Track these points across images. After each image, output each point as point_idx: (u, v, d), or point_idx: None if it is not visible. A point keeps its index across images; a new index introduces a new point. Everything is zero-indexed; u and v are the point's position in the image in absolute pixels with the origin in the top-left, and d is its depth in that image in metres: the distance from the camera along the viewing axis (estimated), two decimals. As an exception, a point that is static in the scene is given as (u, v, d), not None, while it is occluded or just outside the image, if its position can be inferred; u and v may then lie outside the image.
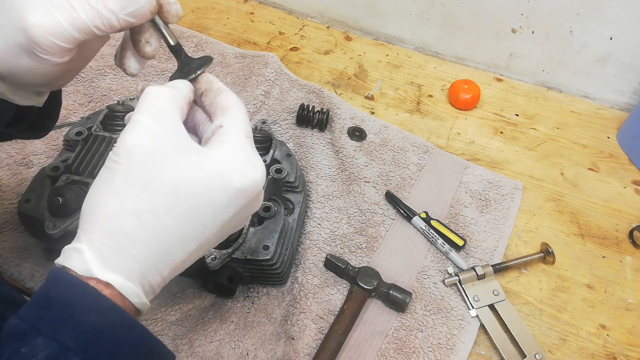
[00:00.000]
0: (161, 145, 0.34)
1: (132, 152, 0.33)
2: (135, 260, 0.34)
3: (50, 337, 0.31)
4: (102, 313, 0.32)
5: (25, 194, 0.71)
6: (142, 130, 0.34)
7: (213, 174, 0.35)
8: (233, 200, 0.36)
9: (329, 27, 1.23)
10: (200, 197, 0.35)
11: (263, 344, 0.68)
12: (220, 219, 0.36)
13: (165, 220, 0.34)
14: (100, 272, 0.33)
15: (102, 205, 0.34)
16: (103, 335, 0.32)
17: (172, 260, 0.36)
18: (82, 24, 0.36)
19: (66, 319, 0.32)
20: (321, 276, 0.75)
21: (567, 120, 1.03)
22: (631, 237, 0.83)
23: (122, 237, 0.33)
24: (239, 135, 0.37)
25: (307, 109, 0.95)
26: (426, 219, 0.81)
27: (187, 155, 0.35)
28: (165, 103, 0.36)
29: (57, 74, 0.40)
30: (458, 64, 1.15)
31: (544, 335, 0.72)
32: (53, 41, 0.36)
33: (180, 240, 0.35)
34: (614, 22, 0.95)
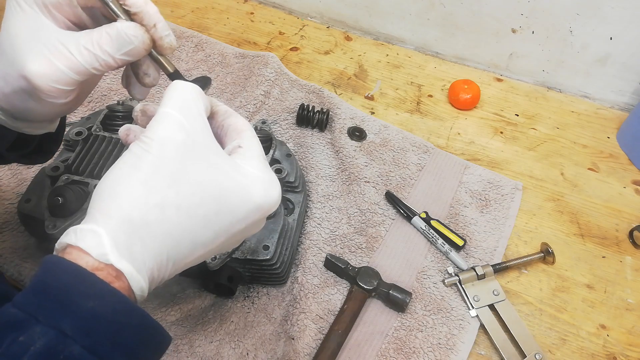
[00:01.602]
0: (192, 142, 0.34)
1: (165, 144, 0.34)
2: (148, 253, 0.34)
3: (48, 325, 0.30)
4: (101, 298, 0.32)
5: (25, 194, 0.71)
6: (173, 123, 0.34)
7: (239, 185, 0.36)
8: (249, 215, 0.37)
9: (329, 27, 1.23)
10: (222, 204, 0.35)
11: (263, 344, 0.68)
12: (232, 230, 0.37)
13: (186, 219, 0.34)
14: (116, 259, 0.32)
15: (127, 191, 0.33)
16: (103, 320, 0.31)
17: (178, 261, 0.36)
18: (80, 67, 0.37)
19: (64, 305, 0.31)
20: (321, 276, 0.75)
21: (567, 120, 1.03)
22: (631, 237, 0.83)
23: (142, 228, 0.33)
24: (259, 157, 0.38)
25: (307, 109, 0.95)
26: (426, 219, 0.81)
27: (216, 159, 0.36)
28: (195, 99, 0.36)
29: (65, 109, 0.42)
30: (458, 64, 1.15)
31: (544, 335, 0.72)
32: (55, 86, 0.37)
33: (192, 243, 0.35)
34: (614, 22, 0.95)
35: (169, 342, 0.37)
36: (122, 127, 0.40)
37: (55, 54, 0.37)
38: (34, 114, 0.41)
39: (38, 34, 0.37)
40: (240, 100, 0.99)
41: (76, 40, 0.37)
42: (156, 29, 0.39)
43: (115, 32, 0.37)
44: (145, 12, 0.39)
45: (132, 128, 0.40)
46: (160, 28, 0.39)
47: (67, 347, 0.30)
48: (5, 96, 0.39)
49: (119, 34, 0.37)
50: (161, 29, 0.40)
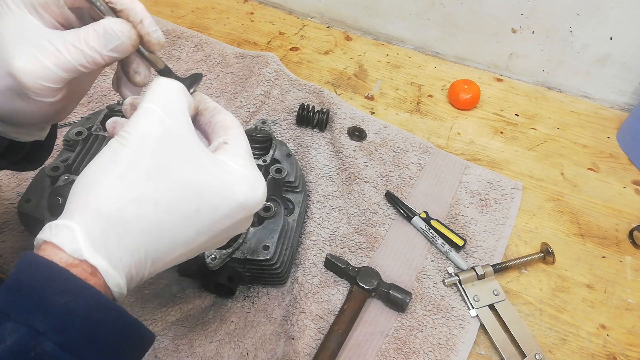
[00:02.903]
0: (172, 138, 0.34)
1: (144, 140, 0.33)
2: (125, 250, 0.33)
3: (19, 322, 0.29)
4: (75, 294, 0.31)
5: (25, 194, 0.71)
6: (154, 119, 0.34)
7: (222, 182, 0.35)
8: (233, 213, 0.36)
9: (329, 27, 1.23)
10: (204, 201, 0.35)
11: (263, 344, 0.68)
12: (215, 228, 0.36)
13: (165, 216, 0.34)
14: (90, 255, 0.32)
15: (103, 185, 0.33)
16: (77, 317, 0.31)
17: (158, 260, 0.35)
18: (68, 64, 0.37)
19: (36, 302, 0.30)
20: (321, 276, 0.75)
21: (567, 120, 1.03)
22: (631, 237, 0.83)
23: (119, 223, 0.32)
24: (244, 154, 0.38)
25: (307, 109, 0.95)
26: (426, 219, 0.81)
27: (198, 155, 0.35)
28: (177, 95, 0.36)
29: (54, 112, 0.41)
30: (458, 64, 1.15)
31: (544, 335, 0.72)
32: (42, 84, 0.37)
33: (172, 240, 0.35)
34: (614, 22, 0.95)
35: (151, 340, 0.37)
36: (109, 119, 0.39)
37: (42, 51, 0.36)
38: (22, 115, 0.40)
39: (25, 33, 0.37)
40: (240, 100, 0.99)
41: (63, 38, 0.37)
42: (143, 25, 0.39)
43: (101, 28, 0.37)
44: (131, 9, 0.38)
45: (119, 121, 0.40)
46: (147, 24, 0.39)
47: (38, 344, 0.29)
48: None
49: (106, 30, 0.37)
50: (148, 24, 0.39)
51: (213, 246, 0.39)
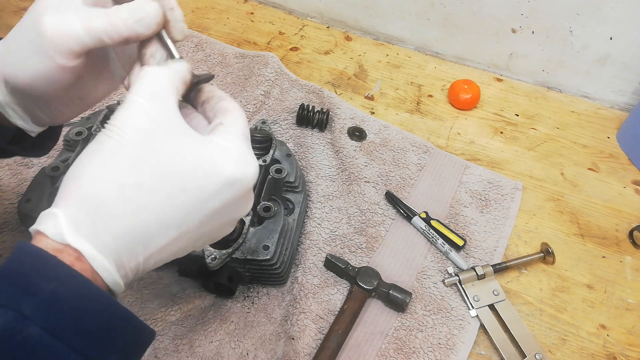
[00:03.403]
0: (155, 126, 0.34)
1: (126, 130, 0.34)
2: (110, 234, 0.33)
3: (6, 307, 0.30)
4: (62, 280, 0.31)
5: (25, 194, 0.71)
6: (136, 110, 0.34)
7: (205, 159, 0.35)
8: (221, 190, 0.36)
9: (329, 27, 1.23)
10: (188, 180, 0.34)
11: (263, 344, 0.68)
12: (205, 209, 0.36)
13: (149, 197, 0.34)
14: (73, 239, 0.32)
15: (85, 173, 0.33)
16: (64, 304, 0.31)
17: (149, 245, 0.35)
18: (93, 27, 0.37)
19: (24, 288, 0.31)
20: (321, 276, 0.75)
21: (567, 120, 1.03)
22: (631, 237, 0.83)
23: (101, 206, 0.33)
24: (237, 133, 0.37)
25: (307, 109, 0.95)
26: (426, 219, 0.81)
27: (181, 137, 0.35)
28: (162, 83, 0.36)
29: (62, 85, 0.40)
30: (458, 64, 1.15)
31: (544, 335, 0.72)
32: (64, 39, 0.37)
33: (161, 223, 0.34)
34: (614, 22, 0.95)
35: (150, 335, 0.36)
36: None
37: (72, 14, 0.37)
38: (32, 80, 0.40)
39: (62, 3, 0.38)
40: (240, 100, 0.99)
41: (95, 9, 0.38)
42: (172, 12, 0.40)
43: (132, 3, 0.38)
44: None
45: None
46: (177, 13, 0.40)
47: (25, 328, 0.30)
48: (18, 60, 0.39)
49: (136, 5, 0.38)
50: (177, 13, 0.40)
51: (218, 231, 0.39)
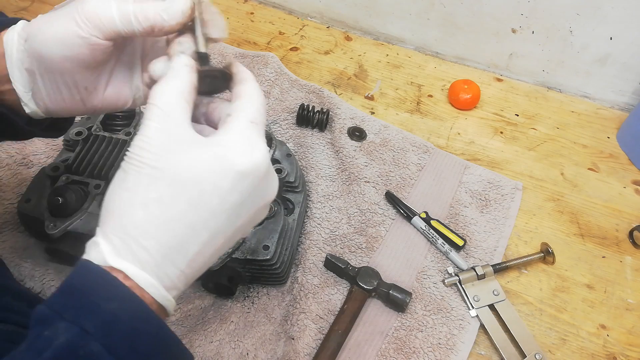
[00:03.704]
0: (164, 142, 0.36)
1: (142, 154, 0.36)
2: (146, 251, 0.35)
3: (71, 322, 0.32)
4: (121, 301, 0.33)
5: (25, 194, 0.71)
6: (149, 132, 0.36)
7: (213, 158, 0.36)
8: (236, 183, 0.36)
9: (329, 27, 1.23)
10: (203, 183, 0.36)
11: (263, 344, 0.68)
12: (227, 204, 0.36)
13: (172, 209, 0.35)
14: (114, 261, 0.34)
15: (115, 201, 0.36)
16: (122, 324, 0.33)
17: (186, 251, 0.36)
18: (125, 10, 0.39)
19: (87, 305, 0.33)
20: (321, 276, 0.75)
21: (567, 120, 1.03)
22: (631, 237, 0.83)
23: (132, 228, 0.35)
24: (242, 121, 0.38)
25: (307, 109, 0.95)
26: (426, 219, 0.81)
27: (190, 146, 0.36)
28: (170, 102, 0.37)
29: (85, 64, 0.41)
30: (458, 64, 1.15)
31: (544, 335, 0.72)
32: (101, 18, 0.39)
33: (189, 228, 0.36)
34: (614, 22, 0.95)
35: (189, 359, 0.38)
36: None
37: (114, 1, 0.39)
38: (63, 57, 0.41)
39: None
40: (240, 100, 0.99)
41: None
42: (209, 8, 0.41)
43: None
44: None
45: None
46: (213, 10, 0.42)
47: (87, 344, 0.31)
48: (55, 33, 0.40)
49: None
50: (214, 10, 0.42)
51: (244, 225, 0.39)
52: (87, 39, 0.39)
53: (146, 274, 0.35)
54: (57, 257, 0.71)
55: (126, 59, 0.46)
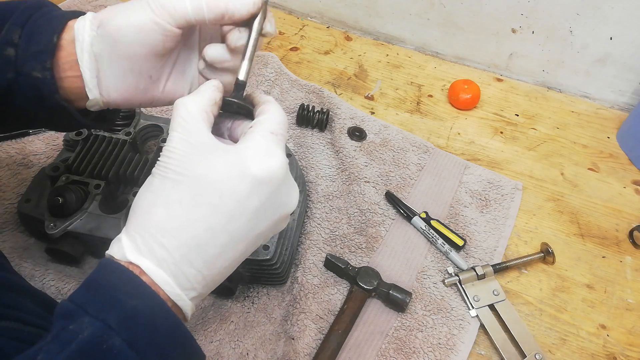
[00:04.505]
0: (187, 149, 0.38)
1: (167, 161, 0.38)
2: (165, 249, 0.36)
3: (95, 317, 0.33)
4: (143, 298, 0.35)
5: (25, 194, 0.71)
6: (173, 143, 0.38)
7: (232, 163, 0.38)
8: (254, 189, 0.38)
9: (329, 27, 1.23)
10: (222, 187, 0.37)
11: (263, 344, 0.68)
12: (246, 209, 0.38)
13: (192, 210, 0.37)
14: (134, 257, 0.36)
15: (140, 202, 0.38)
16: (142, 319, 0.34)
17: (204, 253, 0.37)
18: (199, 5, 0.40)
19: (110, 301, 0.34)
20: (321, 276, 0.75)
21: (567, 120, 1.03)
22: (631, 237, 0.83)
23: (152, 227, 0.37)
24: (263, 132, 0.40)
25: (307, 109, 0.95)
26: (426, 219, 0.81)
27: (211, 152, 0.38)
28: (191, 113, 0.39)
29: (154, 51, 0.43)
30: (458, 64, 1.15)
31: (544, 335, 0.72)
32: (175, 6, 0.40)
33: (208, 230, 0.37)
34: (614, 22, 0.95)
35: (202, 358, 0.40)
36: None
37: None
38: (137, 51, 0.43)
39: None
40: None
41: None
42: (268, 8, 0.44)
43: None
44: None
45: None
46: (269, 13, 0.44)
47: (110, 338, 0.33)
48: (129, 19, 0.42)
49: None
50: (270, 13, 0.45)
51: (265, 231, 0.40)
52: (161, 25, 0.41)
53: (162, 271, 0.36)
54: (57, 257, 0.71)
55: (186, 52, 0.48)
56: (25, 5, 0.45)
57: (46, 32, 0.43)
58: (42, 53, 0.43)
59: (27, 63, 0.43)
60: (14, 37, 0.43)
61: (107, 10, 0.43)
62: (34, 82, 0.43)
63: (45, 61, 0.43)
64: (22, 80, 0.43)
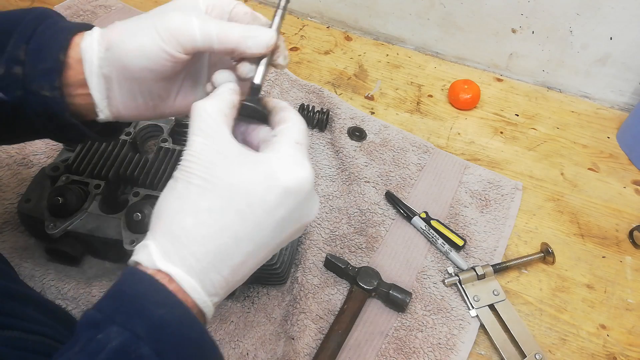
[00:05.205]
0: (213, 155, 0.38)
1: (191, 166, 0.38)
2: (194, 257, 0.36)
3: (123, 327, 0.33)
4: (170, 307, 0.35)
5: (25, 194, 0.71)
6: (195, 147, 0.38)
7: (262, 173, 0.38)
8: (282, 199, 0.38)
9: (329, 27, 1.23)
10: (251, 196, 0.37)
11: (263, 344, 0.68)
12: (272, 218, 0.38)
13: (221, 218, 0.37)
14: (162, 264, 0.36)
15: (166, 207, 0.38)
16: (169, 329, 0.34)
17: (231, 260, 0.38)
18: (207, 29, 0.41)
19: (138, 311, 0.34)
20: (321, 276, 0.75)
21: (567, 120, 1.03)
22: (631, 237, 0.83)
23: (181, 234, 0.37)
24: (288, 142, 0.40)
25: (307, 109, 0.95)
26: (426, 219, 0.81)
27: (238, 159, 0.38)
28: (212, 116, 0.39)
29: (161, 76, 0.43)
30: (458, 64, 1.15)
31: (544, 335, 0.72)
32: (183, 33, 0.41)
33: (236, 238, 0.37)
34: (614, 22, 0.95)
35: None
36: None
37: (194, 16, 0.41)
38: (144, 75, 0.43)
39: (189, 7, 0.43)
40: (240, 100, 0.99)
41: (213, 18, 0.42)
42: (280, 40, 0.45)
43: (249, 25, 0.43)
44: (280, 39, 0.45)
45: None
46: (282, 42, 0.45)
47: (139, 348, 0.33)
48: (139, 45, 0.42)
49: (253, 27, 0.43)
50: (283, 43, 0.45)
51: (284, 240, 0.41)
52: (169, 53, 0.41)
53: (191, 278, 0.36)
54: (57, 257, 0.71)
55: (195, 69, 0.48)
56: (29, 17, 0.44)
57: (52, 49, 0.42)
58: (50, 72, 0.42)
59: (34, 81, 0.42)
60: (19, 54, 0.42)
61: (115, 30, 0.43)
62: (43, 100, 0.43)
63: (54, 80, 0.42)
64: (31, 97, 0.43)
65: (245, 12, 0.46)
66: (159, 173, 0.72)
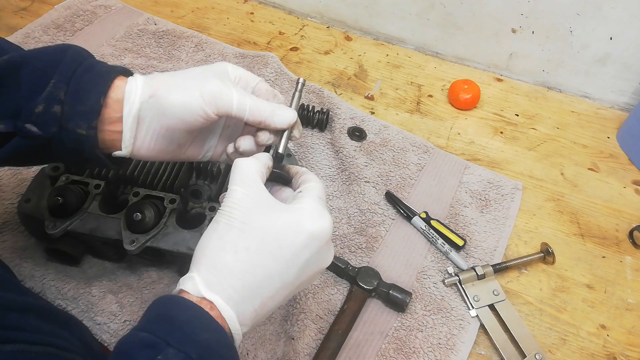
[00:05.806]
0: (251, 204, 0.44)
1: (232, 212, 0.44)
2: (233, 288, 0.42)
3: (178, 349, 0.38)
4: (213, 332, 0.40)
5: (25, 194, 0.71)
6: (236, 196, 0.44)
7: (291, 221, 0.44)
8: (307, 243, 0.44)
9: (329, 27, 1.23)
10: (281, 240, 0.43)
11: (263, 344, 0.68)
12: (298, 260, 0.44)
13: (257, 257, 0.43)
14: (207, 293, 0.41)
15: (209, 245, 0.43)
16: (215, 352, 0.39)
17: (262, 294, 0.43)
18: (243, 102, 0.48)
19: (189, 335, 0.39)
20: (321, 276, 0.75)
21: (567, 120, 1.03)
22: (631, 237, 0.83)
23: (223, 268, 0.42)
24: (312, 197, 0.46)
25: (307, 109, 0.95)
26: (426, 219, 0.81)
27: (271, 208, 0.45)
28: (251, 172, 0.46)
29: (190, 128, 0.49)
30: (458, 64, 1.15)
31: (544, 335, 0.72)
32: (222, 99, 0.47)
33: (268, 276, 0.43)
34: (614, 22, 0.95)
35: None
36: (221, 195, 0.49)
37: (232, 87, 0.48)
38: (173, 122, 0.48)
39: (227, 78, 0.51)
40: (240, 100, 0.99)
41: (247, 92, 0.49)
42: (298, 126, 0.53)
43: (278, 105, 0.51)
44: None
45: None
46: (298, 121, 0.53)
47: None
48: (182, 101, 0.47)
49: (282, 106, 0.50)
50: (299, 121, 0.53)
51: (304, 281, 0.46)
52: (206, 112, 0.47)
53: (229, 307, 0.41)
54: (57, 257, 0.71)
55: (213, 127, 0.54)
56: (68, 58, 0.47)
57: (93, 93, 0.46)
58: (89, 113, 0.46)
59: (71, 120, 0.46)
60: (60, 94, 0.46)
61: (161, 80, 0.48)
62: (77, 137, 0.47)
63: (92, 121, 0.46)
64: (64, 134, 0.46)
65: (267, 89, 0.53)
66: (159, 173, 0.72)
